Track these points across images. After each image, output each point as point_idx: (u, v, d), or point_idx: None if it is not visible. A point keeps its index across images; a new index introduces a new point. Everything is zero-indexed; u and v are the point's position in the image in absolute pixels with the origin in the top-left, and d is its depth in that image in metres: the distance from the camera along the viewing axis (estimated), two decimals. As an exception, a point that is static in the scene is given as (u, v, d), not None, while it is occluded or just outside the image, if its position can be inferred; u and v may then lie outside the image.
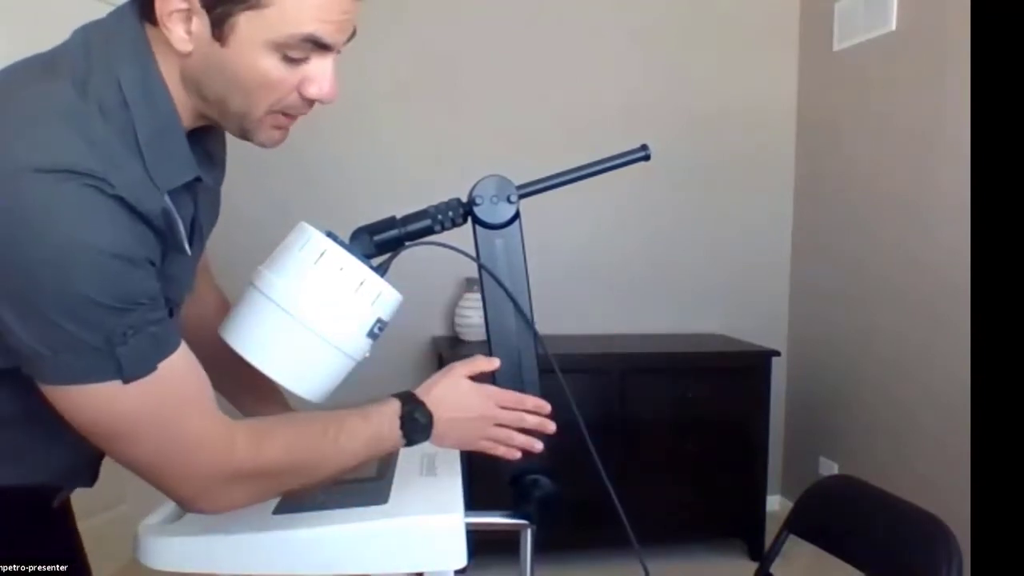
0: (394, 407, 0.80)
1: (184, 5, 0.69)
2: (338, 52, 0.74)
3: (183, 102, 0.74)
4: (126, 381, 0.66)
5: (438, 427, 0.80)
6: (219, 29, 0.69)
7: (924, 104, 2.43)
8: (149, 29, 0.73)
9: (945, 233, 2.31)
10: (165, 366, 0.68)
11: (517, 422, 0.85)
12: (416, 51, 2.88)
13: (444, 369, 0.85)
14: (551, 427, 0.86)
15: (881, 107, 2.64)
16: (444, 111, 2.86)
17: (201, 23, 0.69)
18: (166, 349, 0.69)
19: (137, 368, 0.66)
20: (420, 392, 0.83)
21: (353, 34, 0.75)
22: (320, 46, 0.71)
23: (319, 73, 0.73)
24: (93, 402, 0.66)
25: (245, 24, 0.69)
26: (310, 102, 0.75)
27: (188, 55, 0.71)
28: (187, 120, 0.76)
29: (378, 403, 0.81)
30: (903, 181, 2.54)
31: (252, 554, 0.71)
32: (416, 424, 0.79)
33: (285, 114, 0.76)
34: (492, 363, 0.86)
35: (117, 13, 0.76)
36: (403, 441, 0.78)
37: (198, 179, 0.75)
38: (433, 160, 2.82)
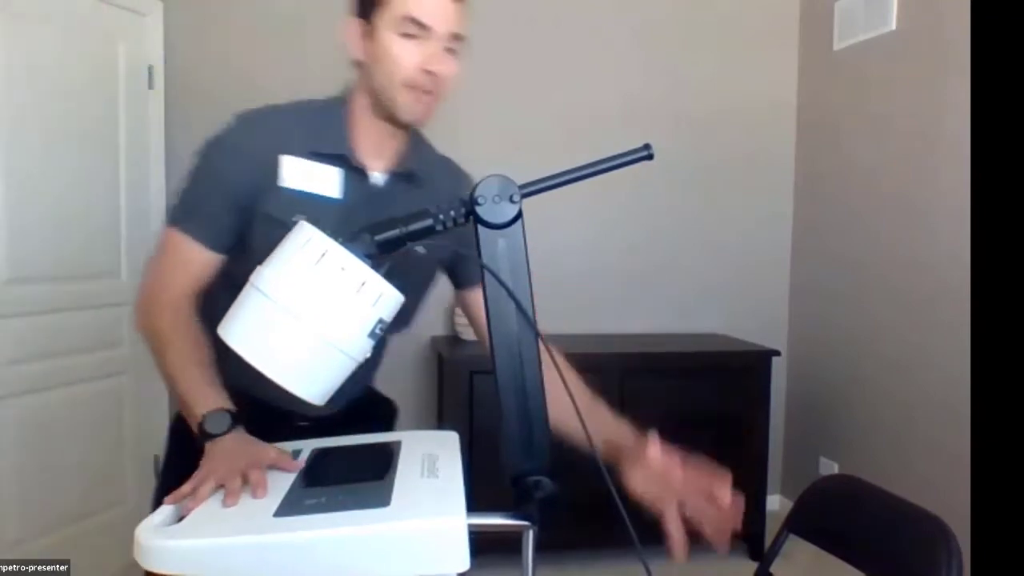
0: (215, 403, 0.94)
1: (356, 29, 1.02)
2: (451, 44, 1.01)
3: (366, 101, 1.06)
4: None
5: (214, 444, 0.90)
6: (367, 28, 1.01)
7: (924, 104, 2.43)
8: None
9: (945, 233, 2.31)
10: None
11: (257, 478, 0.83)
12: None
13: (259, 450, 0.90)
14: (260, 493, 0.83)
15: (881, 107, 2.64)
16: (444, 111, 2.86)
17: (361, 32, 1.02)
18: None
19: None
20: (233, 432, 0.92)
21: (463, 38, 1.02)
22: (421, 25, 0.98)
23: (430, 50, 0.99)
24: None
25: (377, 19, 0.99)
26: (431, 77, 1.00)
27: (365, 61, 1.03)
28: (369, 121, 1.08)
29: (216, 393, 0.96)
30: (903, 181, 2.54)
31: (252, 557, 0.70)
32: (209, 421, 0.92)
33: (418, 89, 1.01)
34: (296, 466, 0.89)
35: None
36: (194, 422, 0.93)
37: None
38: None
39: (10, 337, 2.22)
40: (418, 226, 0.83)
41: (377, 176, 1.10)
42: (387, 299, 0.77)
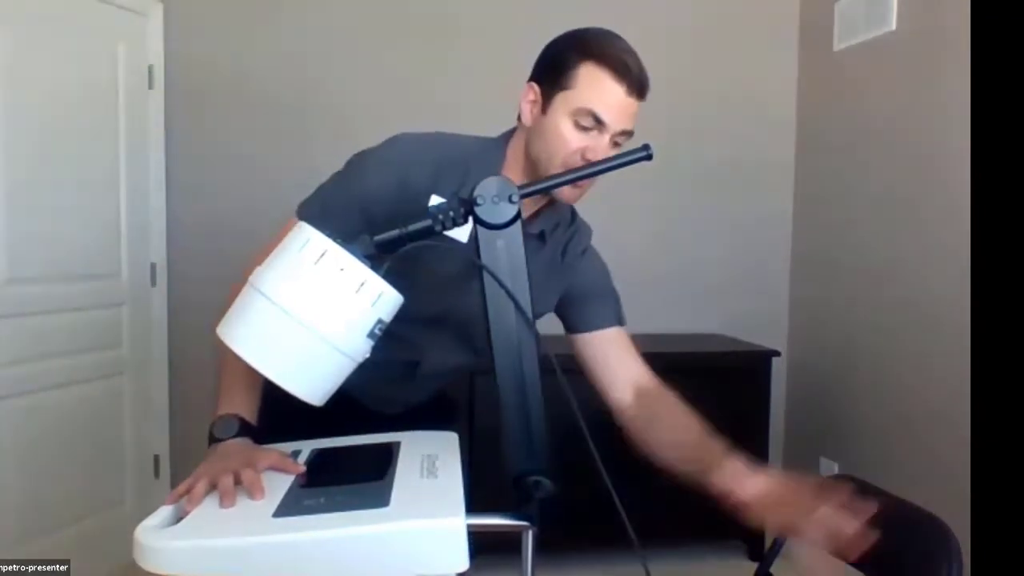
0: (230, 409, 0.97)
1: (534, 97, 1.08)
2: (620, 139, 1.04)
3: (519, 161, 1.12)
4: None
5: (215, 447, 0.93)
6: (546, 104, 1.06)
7: (924, 104, 2.43)
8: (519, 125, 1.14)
9: (945, 233, 2.31)
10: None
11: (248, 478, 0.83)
12: (416, 51, 2.88)
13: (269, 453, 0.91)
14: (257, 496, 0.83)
15: (881, 107, 2.64)
16: (445, 111, 2.86)
17: (538, 104, 1.07)
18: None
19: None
20: (238, 438, 0.95)
21: (631, 133, 1.05)
22: (598, 120, 1.01)
23: (597, 143, 1.02)
24: None
25: (559, 101, 1.04)
26: (586, 160, 1.01)
27: (530, 127, 1.09)
28: (518, 179, 1.08)
29: (241, 399, 0.99)
30: (903, 181, 2.54)
31: (251, 557, 0.70)
32: (217, 426, 0.96)
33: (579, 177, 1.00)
34: (298, 469, 0.89)
35: None
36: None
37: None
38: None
39: (10, 337, 2.22)
40: (418, 226, 0.83)
41: None
42: (386, 299, 0.77)
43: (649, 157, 0.89)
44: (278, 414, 0.96)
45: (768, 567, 1.34)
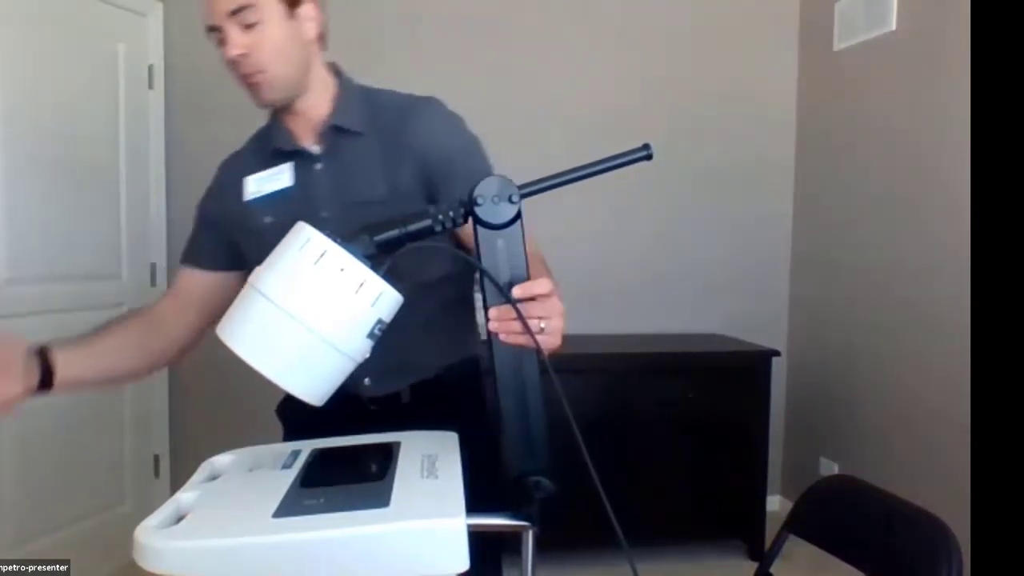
0: (67, 346, 1.18)
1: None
2: (236, 21, 1.06)
3: None
4: None
5: None
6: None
7: (924, 104, 2.43)
8: None
9: (945, 233, 2.31)
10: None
11: None
12: (415, 51, 2.88)
13: None
14: None
15: (881, 107, 2.64)
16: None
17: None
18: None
19: None
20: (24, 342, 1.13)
21: (239, 9, 1.04)
22: (212, 28, 1.08)
23: (227, 42, 1.08)
24: None
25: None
26: (240, 62, 1.09)
27: None
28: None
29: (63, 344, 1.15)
30: (903, 181, 2.54)
31: (251, 557, 0.70)
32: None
33: (242, 80, 1.12)
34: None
35: None
36: None
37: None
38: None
39: (10, 337, 2.22)
40: (417, 226, 0.83)
41: (314, 148, 1.17)
42: (386, 299, 0.77)
43: (649, 157, 0.89)
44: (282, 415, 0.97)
45: (768, 567, 1.34)
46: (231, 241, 1.20)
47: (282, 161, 1.17)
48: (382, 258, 0.80)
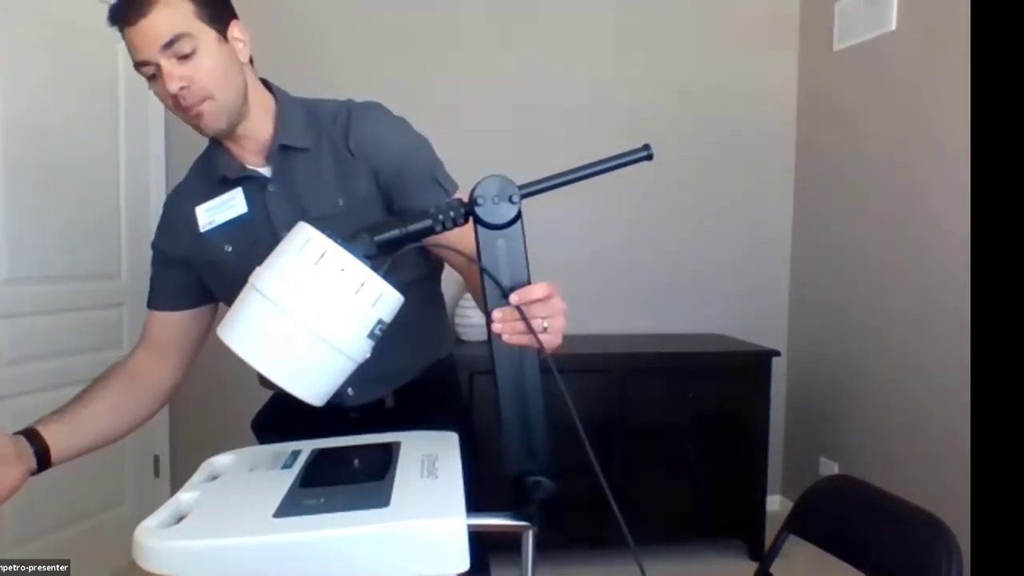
0: (48, 423, 1.18)
1: None
2: (171, 55, 1.00)
3: None
4: None
5: None
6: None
7: (924, 104, 2.43)
8: None
9: (945, 234, 2.31)
10: None
11: None
12: (416, 51, 2.88)
13: None
14: None
15: (881, 107, 2.64)
16: (444, 111, 2.86)
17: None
18: None
19: None
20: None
21: (173, 41, 0.99)
22: (143, 64, 1.01)
23: (166, 75, 1.01)
24: None
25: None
26: (181, 95, 1.02)
27: None
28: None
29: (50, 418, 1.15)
30: (903, 182, 2.54)
31: (251, 557, 0.70)
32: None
33: (183, 113, 1.05)
34: None
35: None
36: None
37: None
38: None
39: (9, 337, 2.22)
40: (418, 226, 0.82)
41: (264, 171, 1.15)
42: (387, 299, 0.77)
43: (650, 157, 0.89)
44: (278, 413, 0.96)
45: (768, 567, 1.34)
46: (195, 276, 1.19)
47: (231, 188, 1.15)
48: (382, 258, 0.80)
